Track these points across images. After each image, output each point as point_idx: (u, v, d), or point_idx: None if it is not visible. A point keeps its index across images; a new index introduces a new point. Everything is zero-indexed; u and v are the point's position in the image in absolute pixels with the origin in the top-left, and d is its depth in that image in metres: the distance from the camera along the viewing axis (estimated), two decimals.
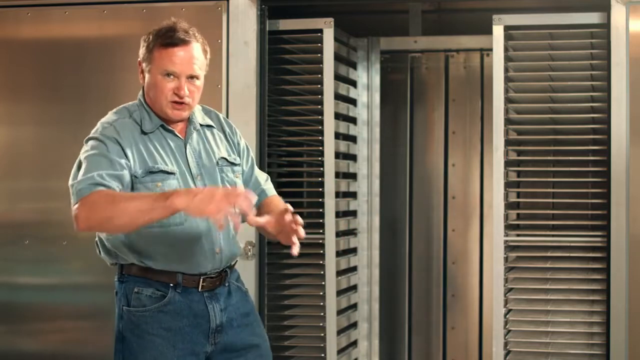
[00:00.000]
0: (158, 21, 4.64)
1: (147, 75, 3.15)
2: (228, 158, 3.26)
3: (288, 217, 3.01)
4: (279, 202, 3.32)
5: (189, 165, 3.15)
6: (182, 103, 3.12)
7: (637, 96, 4.16)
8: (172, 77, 3.10)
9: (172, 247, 3.09)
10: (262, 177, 3.40)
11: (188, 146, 3.18)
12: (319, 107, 4.59)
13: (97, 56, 4.60)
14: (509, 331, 4.43)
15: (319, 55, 4.55)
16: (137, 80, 3.26)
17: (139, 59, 3.18)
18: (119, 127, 3.11)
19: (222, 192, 2.78)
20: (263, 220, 3.05)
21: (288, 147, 4.86)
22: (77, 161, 3.09)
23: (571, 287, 4.38)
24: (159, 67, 3.11)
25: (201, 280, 3.14)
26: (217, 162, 3.22)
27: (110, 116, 3.18)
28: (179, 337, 3.11)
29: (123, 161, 3.03)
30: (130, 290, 3.13)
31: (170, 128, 3.17)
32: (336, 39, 4.63)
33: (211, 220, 2.83)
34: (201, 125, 3.25)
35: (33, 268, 4.69)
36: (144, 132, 3.13)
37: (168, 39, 3.11)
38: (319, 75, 4.57)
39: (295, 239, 3.02)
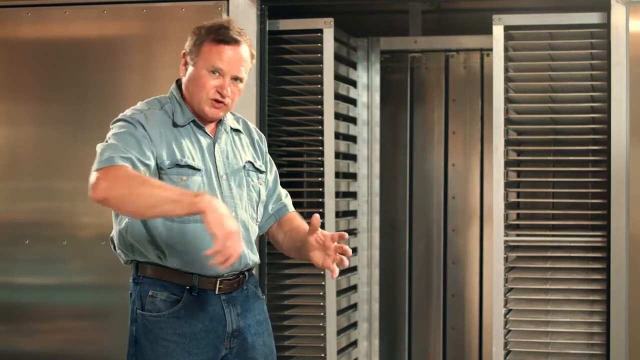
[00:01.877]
0: (158, 21, 4.66)
1: (190, 68, 3.09)
2: (255, 163, 3.23)
3: (339, 243, 3.00)
4: (301, 220, 3.29)
5: (216, 164, 3.11)
6: (221, 102, 3.07)
7: (637, 96, 4.16)
8: (217, 74, 3.05)
9: (191, 244, 3.03)
10: (283, 193, 3.37)
11: (217, 146, 3.13)
12: (319, 107, 4.59)
13: (97, 56, 4.60)
14: (509, 331, 4.43)
15: (319, 55, 4.56)
16: (137, 80, 3.26)
17: (183, 51, 3.11)
18: (149, 116, 3.05)
19: (238, 237, 2.74)
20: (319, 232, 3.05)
21: (288, 147, 4.85)
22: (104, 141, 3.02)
23: (571, 287, 4.38)
24: (206, 61, 3.05)
25: (218, 282, 3.09)
26: (244, 166, 3.18)
27: (140, 105, 3.11)
28: (194, 343, 3.05)
29: (150, 150, 2.98)
30: (145, 293, 3.06)
31: (201, 124, 3.12)
32: (336, 39, 4.63)
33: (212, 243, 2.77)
34: (231, 128, 3.21)
35: (33, 268, 4.69)
36: (175, 125, 3.08)
37: (221, 35, 3.05)
38: (319, 75, 4.57)
39: (335, 266, 3.02)
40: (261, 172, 3.25)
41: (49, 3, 4.63)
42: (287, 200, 3.37)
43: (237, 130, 3.25)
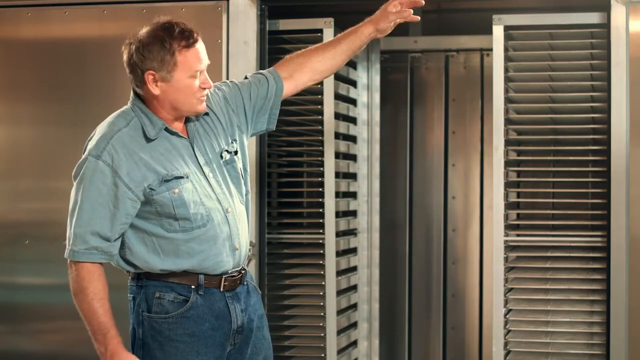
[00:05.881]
0: None
1: (167, 83, 3.01)
2: (228, 148, 3.19)
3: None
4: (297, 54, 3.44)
5: (199, 164, 3.10)
6: (206, 94, 3.10)
7: (637, 96, 4.16)
8: (198, 73, 3.04)
9: (198, 249, 3.06)
10: (256, 78, 3.37)
11: (195, 146, 3.11)
12: (319, 107, 4.59)
13: (97, 56, 4.60)
14: (509, 331, 4.43)
15: None
16: None
17: (149, 70, 3.00)
18: (117, 145, 3.01)
19: None
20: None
21: (288, 147, 4.85)
22: (74, 194, 3.04)
23: (571, 287, 4.38)
24: (189, 69, 3.01)
25: (223, 280, 3.10)
26: (221, 155, 3.16)
27: (105, 129, 3.05)
28: (202, 342, 3.07)
29: (121, 197, 2.98)
30: (151, 295, 3.07)
31: (173, 130, 3.08)
32: None
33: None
34: (196, 116, 3.15)
35: (33, 268, 4.69)
36: (147, 139, 3.04)
37: (186, 39, 3.01)
38: None
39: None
40: (236, 153, 3.22)
41: (49, 3, 4.63)
42: (260, 74, 3.38)
43: (204, 114, 3.19)
